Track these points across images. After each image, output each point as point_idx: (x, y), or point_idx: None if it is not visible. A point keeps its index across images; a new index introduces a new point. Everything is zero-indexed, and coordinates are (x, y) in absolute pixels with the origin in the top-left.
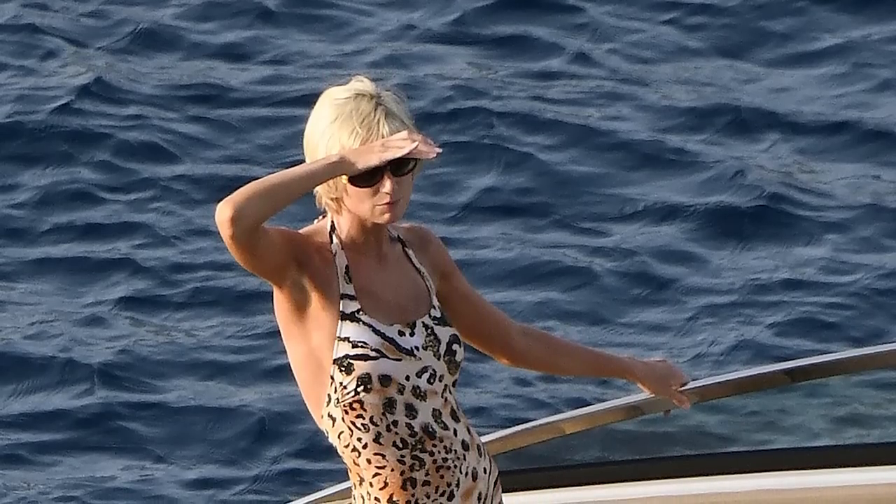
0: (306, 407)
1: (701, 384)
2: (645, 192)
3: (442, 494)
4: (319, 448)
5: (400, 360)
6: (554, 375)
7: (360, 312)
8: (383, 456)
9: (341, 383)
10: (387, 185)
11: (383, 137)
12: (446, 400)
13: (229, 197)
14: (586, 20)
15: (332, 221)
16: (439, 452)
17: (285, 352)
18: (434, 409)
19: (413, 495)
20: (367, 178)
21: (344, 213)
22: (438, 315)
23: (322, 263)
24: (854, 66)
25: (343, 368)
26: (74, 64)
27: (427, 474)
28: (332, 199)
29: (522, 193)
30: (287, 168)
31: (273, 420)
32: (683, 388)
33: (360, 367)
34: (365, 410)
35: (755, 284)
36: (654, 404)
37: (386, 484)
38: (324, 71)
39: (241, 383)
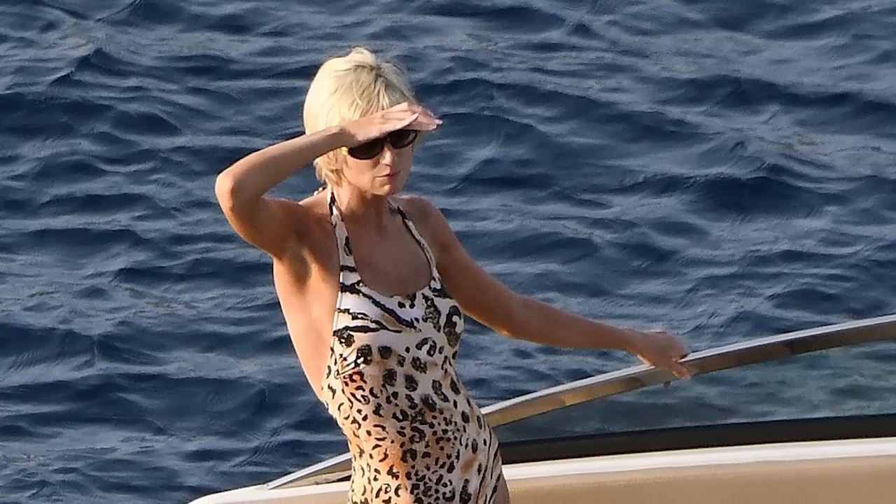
0: (306, 379)
1: (701, 356)
2: (645, 164)
3: (442, 466)
4: (319, 420)
5: (400, 331)
6: (554, 347)
7: (360, 284)
8: (383, 427)
9: (341, 355)
10: (387, 156)
11: (383, 109)
12: (446, 372)
13: (229, 168)
14: None
15: (332, 193)
16: (439, 424)
17: (285, 323)
18: (434, 381)
19: (413, 467)
20: (367, 150)
21: (344, 184)
22: (438, 287)
23: (322, 235)
24: (854, 37)
25: (343, 340)
26: (74, 35)
27: (427, 446)
28: (332, 171)
29: (522, 165)
30: (287, 140)
31: (273, 392)
32: (683, 359)
33: (360, 339)
34: (365, 382)
35: (755, 256)
36: (654, 376)
37: (386, 455)
38: (324, 42)
39: (241, 355)
